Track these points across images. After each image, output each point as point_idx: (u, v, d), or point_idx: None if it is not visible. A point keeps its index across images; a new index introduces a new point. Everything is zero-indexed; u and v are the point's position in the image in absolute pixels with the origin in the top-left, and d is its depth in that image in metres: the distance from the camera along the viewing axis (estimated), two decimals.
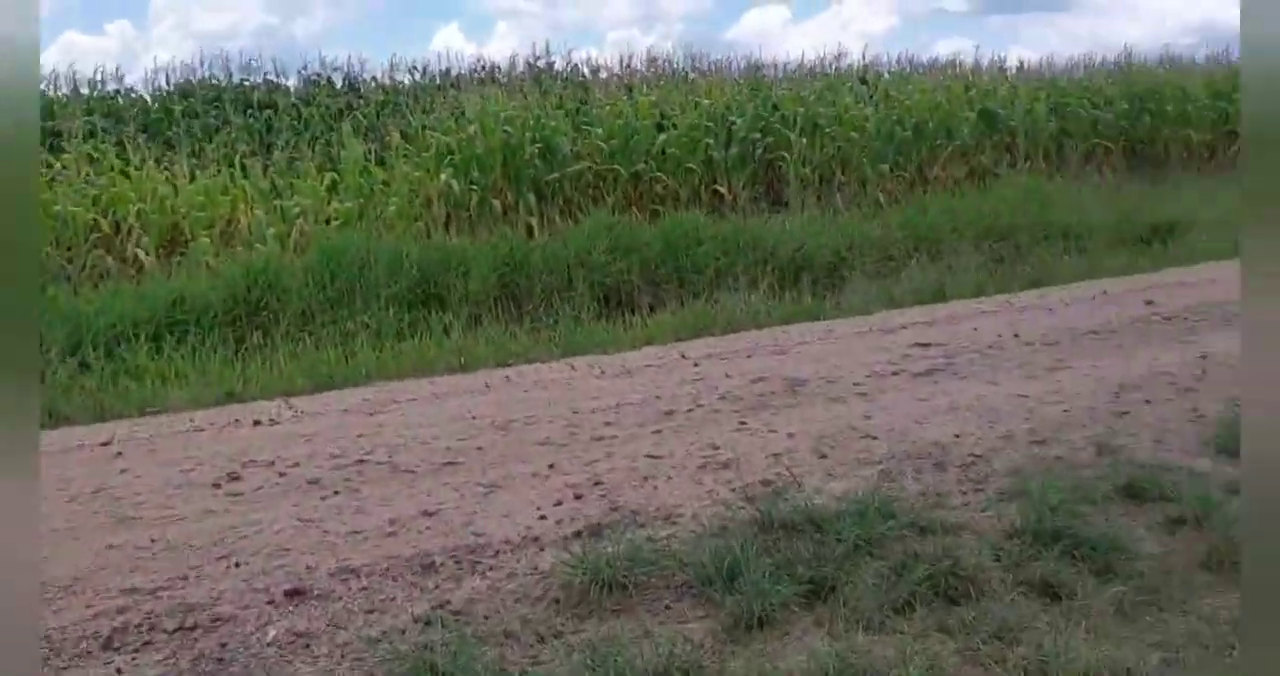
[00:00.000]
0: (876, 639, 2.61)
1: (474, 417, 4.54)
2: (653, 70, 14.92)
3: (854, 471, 3.66)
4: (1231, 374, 4.53)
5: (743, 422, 4.27)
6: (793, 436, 4.05)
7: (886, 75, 14.36)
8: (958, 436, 3.96)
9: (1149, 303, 6.11)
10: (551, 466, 3.85)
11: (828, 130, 10.84)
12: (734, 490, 3.52)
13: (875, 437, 3.99)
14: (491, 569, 3.08)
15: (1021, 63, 16.18)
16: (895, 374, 4.90)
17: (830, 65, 15.06)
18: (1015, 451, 3.79)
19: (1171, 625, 2.68)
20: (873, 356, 5.26)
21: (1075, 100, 12.62)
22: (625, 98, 11.29)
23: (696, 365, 5.30)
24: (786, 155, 10.49)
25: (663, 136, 10.19)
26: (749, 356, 5.48)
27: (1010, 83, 13.49)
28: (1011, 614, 2.68)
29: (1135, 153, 12.86)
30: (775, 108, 11.06)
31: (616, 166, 9.82)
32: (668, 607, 2.81)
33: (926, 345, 5.42)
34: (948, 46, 47.53)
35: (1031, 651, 2.53)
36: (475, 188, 9.00)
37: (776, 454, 3.85)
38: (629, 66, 15.16)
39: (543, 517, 3.39)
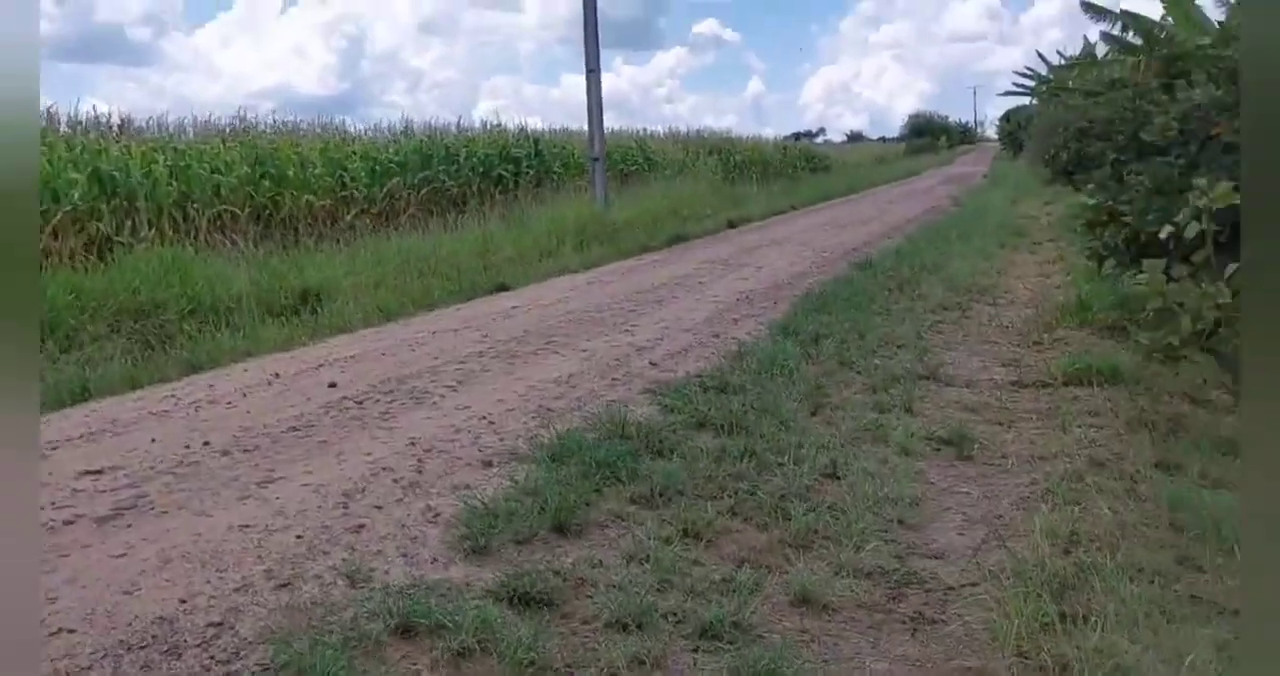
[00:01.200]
0: None
1: None
2: None
3: None
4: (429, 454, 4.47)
5: None
6: None
7: None
8: (185, 601, 3.10)
9: (333, 385, 5.84)
10: None
11: None
12: None
13: (73, 630, 2.90)
14: None
15: (124, 121, 14.98)
16: (70, 522, 3.73)
17: None
18: (262, 606, 3.09)
19: None
20: (32, 498, 3.97)
21: (196, 163, 12.06)
22: None
23: None
24: None
25: None
26: None
27: (120, 141, 12.30)
28: None
29: (261, 218, 12.81)
30: None
31: None
32: None
33: (99, 472, 4.30)
34: None
35: None
36: None
37: None
38: None
39: None
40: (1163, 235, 5.02)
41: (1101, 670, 2.71)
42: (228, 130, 14.17)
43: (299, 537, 3.61)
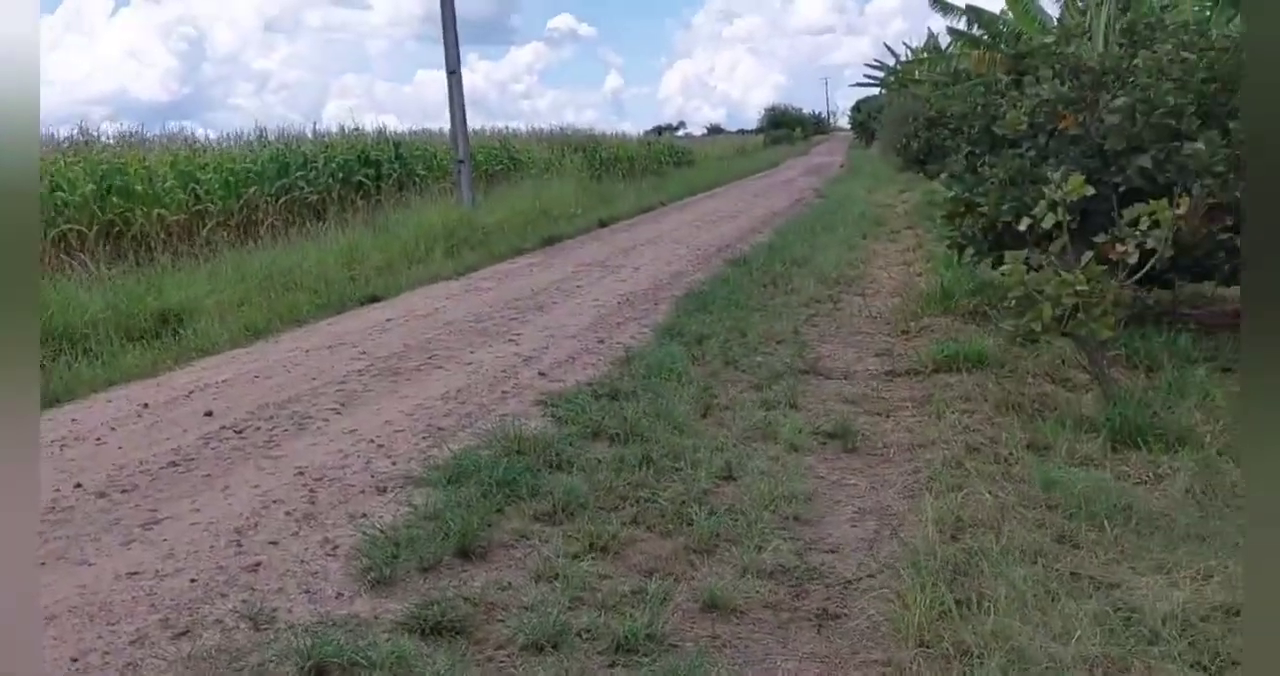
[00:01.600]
0: None
1: None
2: None
3: None
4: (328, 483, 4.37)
5: None
6: None
7: None
8: (77, 660, 2.95)
9: (209, 414, 5.61)
10: None
11: None
12: None
13: None
14: None
15: None
16: None
17: None
18: (161, 659, 2.96)
19: None
20: None
21: None
22: None
23: None
24: None
25: None
26: None
27: None
28: None
29: (111, 236, 12.17)
30: None
31: None
32: None
33: None
34: None
35: None
36: None
37: None
38: None
39: None
40: (1021, 227, 5.30)
41: (999, 652, 2.86)
42: (66, 144, 13.39)
43: (193, 581, 3.48)
